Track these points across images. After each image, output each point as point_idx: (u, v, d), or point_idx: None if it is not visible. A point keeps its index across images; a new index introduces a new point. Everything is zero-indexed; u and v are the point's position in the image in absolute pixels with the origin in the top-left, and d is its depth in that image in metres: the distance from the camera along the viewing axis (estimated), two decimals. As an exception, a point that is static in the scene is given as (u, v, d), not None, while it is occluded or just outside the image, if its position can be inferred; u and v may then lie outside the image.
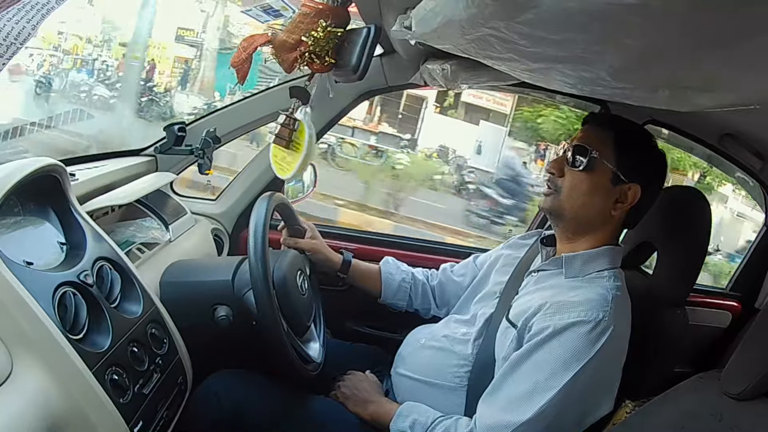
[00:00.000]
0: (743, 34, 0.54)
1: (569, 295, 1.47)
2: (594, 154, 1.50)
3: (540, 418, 1.37)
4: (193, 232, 2.04)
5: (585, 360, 1.37)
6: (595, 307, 1.41)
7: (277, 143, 1.63)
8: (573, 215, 1.56)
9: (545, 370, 1.39)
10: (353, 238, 2.39)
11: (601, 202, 1.54)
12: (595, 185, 1.52)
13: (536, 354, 1.42)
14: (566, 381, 1.37)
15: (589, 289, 1.48)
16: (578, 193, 1.53)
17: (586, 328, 1.39)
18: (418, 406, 1.58)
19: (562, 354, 1.38)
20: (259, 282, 1.49)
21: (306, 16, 1.54)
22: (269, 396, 1.64)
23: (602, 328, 1.39)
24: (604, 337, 1.38)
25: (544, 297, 1.49)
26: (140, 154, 2.14)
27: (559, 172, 1.55)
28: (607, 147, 1.51)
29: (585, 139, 1.54)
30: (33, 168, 1.27)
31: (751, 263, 2.47)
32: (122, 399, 1.22)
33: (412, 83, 1.99)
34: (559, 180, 1.55)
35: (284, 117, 1.62)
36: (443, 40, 1.02)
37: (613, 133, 1.53)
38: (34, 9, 0.83)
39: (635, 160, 1.53)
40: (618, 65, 0.74)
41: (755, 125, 1.65)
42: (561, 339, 1.40)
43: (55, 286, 1.19)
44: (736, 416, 1.23)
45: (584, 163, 1.50)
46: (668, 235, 1.66)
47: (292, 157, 1.63)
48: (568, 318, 1.41)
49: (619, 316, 1.43)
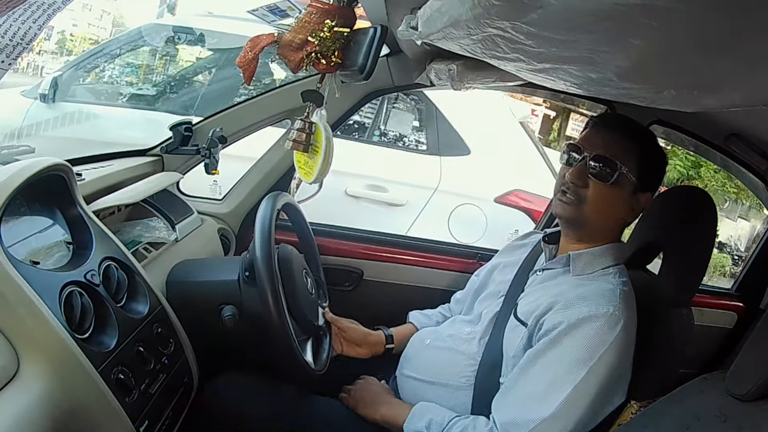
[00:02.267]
0: (750, 34, 0.54)
1: (578, 292, 1.47)
2: (623, 169, 1.48)
3: (560, 413, 1.37)
4: (199, 232, 2.04)
5: (599, 353, 1.37)
6: (604, 301, 1.42)
7: (295, 148, 1.63)
8: (592, 225, 1.56)
9: (562, 366, 1.39)
10: (353, 237, 2.39)
11: (620, 212, 1.56)
12: (619, 198, 1.53)
13: (551, 350, 1.42)
14: (583, 375, 1.37)
15: (597, 285, 1.48)
16: (603, 206, 1.53)
17: (598, 322, 1.39)
18: (432, 406, 1.58)
19: (577, 349, 1.38)
20: (265, 281, 1.50)
21: (312, 15, 1.54)
22: (274, 397, 1.65)
23: (614, 321, 1.39)
24: (616, 330, 1.39)
25: (553, 295, 1.50)
26: (146, 154, 2.14)
27: (582, 182, 1.52)
28: (631, 160, 1.50)
29: (609, 148, 1.50)
30: (39, 168, 1.27)
31: (756, 264, 2.47)
32: (128, 398, 1.23)
33: (419, 83, 1.99)
34: (582, 190, 1.52)
35: (299, 122, 1.62)
36: (449, 41, 1.02)
37: (638, 146, 1.52)
38: (40, 9, 0.83)
39: (654, 172, 1.55)
40: (625, 66, 0.74)
41: (761, 125, 1.65)
42: (575, 334, 1.40)
43: (62, 286, 1.19)
44: (742, 417, 1.23)
45: (613, 179, 1.49)
46: (674, 235, 1.66)
47: (313, 160, 1.64)
48: (579, 313, 1.41)
49: (628, 309, 1.43)
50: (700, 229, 1.61)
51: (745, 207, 12.60)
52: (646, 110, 1.99)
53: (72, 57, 12.66)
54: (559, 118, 13.31)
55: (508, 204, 4.00)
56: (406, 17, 1.22)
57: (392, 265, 2.34)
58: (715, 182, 11.68)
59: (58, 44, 13.80)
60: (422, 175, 4.12)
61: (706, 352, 2.44)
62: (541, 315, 1.47)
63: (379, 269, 2.36)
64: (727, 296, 2.50)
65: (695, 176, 11.73)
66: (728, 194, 12.13)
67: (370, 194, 4.06)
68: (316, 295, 1.76)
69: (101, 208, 1.61)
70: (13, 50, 0.83)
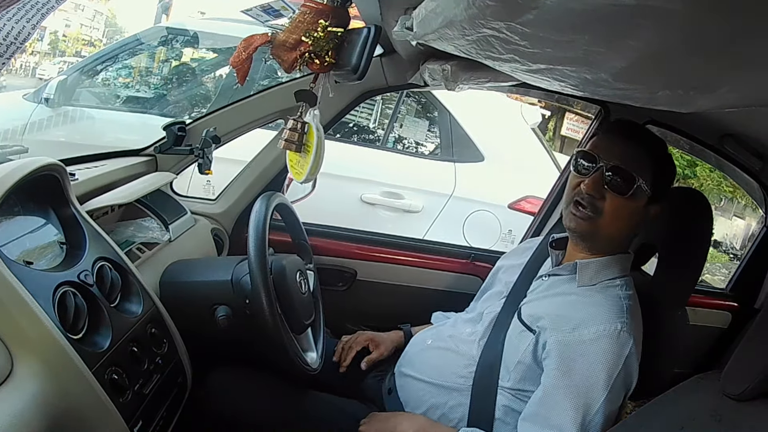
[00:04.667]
0: (744, 35, 0.54)
1: (586, 310, 1.47)
2: (640, 182, 1.46)
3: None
4: (193, 232, 2.03)
5: (615, 374, 1.39)
6: (612, 318, 1.42)
7: (287, 148, 1.63)
8: (605, 238, 1.55)
9: (580, 391, 1.39)
10: (354, 238, 2.39)
11: (634, 225, 1.55)
12: (634, 211, 1.51)
13: (569, 377, 1.41)
14: (603, 398, 1.38)
15: (603, 298, 1.48)
16: (619, 220, 1.51)
17: (609, 342, 1.40)
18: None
19: (594, 372, 1.39)
20: (258, 280, 1.49)
21: (306, 15, 1.54)
22: (268, 396, 1.65)
23: (623, 339, 1.40)
24: (627, 350, 1.40)
25: (559, 306, 1.50)
26: (140, 154, 2.13)
27: (599, 194, 1.49)
28: (646, 172, 1.48)
29: (626, 160, 1.48)
30: (33, 168, 1.27)
31: (750, 264, 2.47)
32: (122, 399, 1.22)
33: (413, 83, 1.99)
34: (598, 203, 1.50)
35: (292, 122, 1.62)
36: (444, 41, 1.02)
37: (653, 158, 1.51)
38: (33, 9, 0.83)
39: (666, 184, 1.54)
40: (620, 66, 0.74)
41: (755, 126, 1.65)
42: (589, 357, 1.40)
43: (55, 286, 1.19)
44: (736, 417, 1.23)
45: (630, 191, 1.47)
46: (669, 236, 1.66)
47: (305, 159, 1.64)
48: (588, 334, 1.42)
49: (635, 324, 1.44)
50: (696, 230, 1.61)
51: (740, 206, 12.67)
52: (640, 110, 2.00)
53: (65, 58, 12.64)
54: (554, 117, 13.33)
55: (521, 210, 4.04)
56: (401, 18, 1.22)
57: (386, 266, 2.35)
58: (711, 181, 11.78)
59: (50, 45, 13.79)
60: (437, 181, 4.16)
61: (701, 352, 2.45)
62: (551, 328, 1.47)
63: (373, 269, 2.35)
64: (722, 296, 2.50)
65: (691, 175, 11.79)
66: (724, 193, 12.21)
67: (386, 201, 4.09)
68: (309, 295, 1.76)
69: (95, 208, 1.61)
70: (6, 50, 0.82)
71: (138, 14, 12.22)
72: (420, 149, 4.58)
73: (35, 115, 4.11)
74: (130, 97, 4.98)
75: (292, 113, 1.68)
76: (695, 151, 2.20)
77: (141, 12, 11.90)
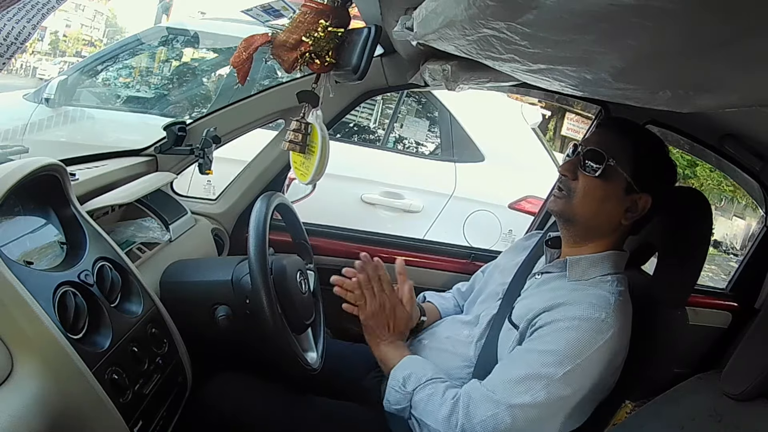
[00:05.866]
0: (744, 35, 0.54)
1: (572, 296, 1.46)
2: (611, 162, 1.48)
3: (527, 405, 1.35)
4: (193, 232, 2.04)
5: (583, 357, 1.36)
6: (597, 307, 1.41)
7: (292, 149, 1.63)
8: (584, 221, 1.55)
9: (542, 360, 1.38)
10: (354, 238, 2.39)
11: (612, 210, 1.53)
12: (608, 193, 1.51)
13: (535, 343, 1.42)
14: (563, 372, 1.35)
15: (592, 291, 1.47)
16: (591, 200, 1.52)
17: (587, 325, 1.38)
18: (420, 361, 1.58)
19: (562, 346, 1.37)
20: (258, 280, 1.49)
21: (306, 15, 1.54)
22: (268, 397, 1.64)
23: (605, 327, 1.38)
24: (606, 337, 1.37)
25: (546, 299, 1.49)
26: (140, 154, 2.13)
27: (572, 174, 1.53)
28: (624, 155, 1.49)
29: (601, 143, 1.51)
30: (33, 168, 1.27)
31: (750, 264, 2.47)
32: (122, 399, 1.22)
33: (413, 83, 1.99)
34: (572, 183, 1.53)
35: (295, 123, 1.62)
36: (444, 41, 1.02)
37: (631, 142, 1.51)
38: (34, 9, 0.83)
39: (650, 171, 1.52)
40: (620, 66, 0.74)
41: (756, 126, 1.65)
42: (563, 332, 1.39)
43: (56, 286, 1.19)
44: (736, 417, 1.23)
45: (600, 170, 1.48)
46: (669, 236, 1.66)
47: (310, 161, 1.63)
48: (570, 313, 1.40)
49: (620, 320, 1.41)
50: (696, 230, 1.61)
51: (740, 206, 12.67)
52: (641, 111, 2.00)
53: (65, 57, 12.64)
54: (554, 117, 13.34)
55: (521, 210, 4.06)
56: (401, 18, 1.22)
57: (386, 265, 2.34)
58: (711, 181, 11.77)
59: (51, 45, 13.80)
60: (437, 181, 4.18)
61: (701, 352, 2.44)
62: (534, 317, 1.47)
63: (373, 269, 2.33)
64: (722, 296, 2.50)
65: (691, 175, 11.78)
66: (724, 193, 12.20)
67: (386, 201, 4.10)
68: (310, 295, 1.76)
69: (95, 208, 1.61)
70: (7, 50, 0.82)
71: (138, 14, 12.23)
72: (420, 149, 4.59)
73: (36, 115, 4.11)
74: (131, 97, 4.99)
75: (292, 113, 1.68)
76: (695, 151, 2.20)
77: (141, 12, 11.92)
